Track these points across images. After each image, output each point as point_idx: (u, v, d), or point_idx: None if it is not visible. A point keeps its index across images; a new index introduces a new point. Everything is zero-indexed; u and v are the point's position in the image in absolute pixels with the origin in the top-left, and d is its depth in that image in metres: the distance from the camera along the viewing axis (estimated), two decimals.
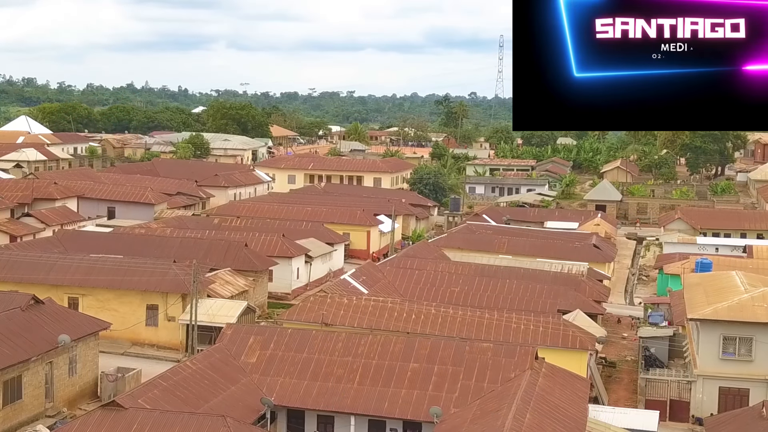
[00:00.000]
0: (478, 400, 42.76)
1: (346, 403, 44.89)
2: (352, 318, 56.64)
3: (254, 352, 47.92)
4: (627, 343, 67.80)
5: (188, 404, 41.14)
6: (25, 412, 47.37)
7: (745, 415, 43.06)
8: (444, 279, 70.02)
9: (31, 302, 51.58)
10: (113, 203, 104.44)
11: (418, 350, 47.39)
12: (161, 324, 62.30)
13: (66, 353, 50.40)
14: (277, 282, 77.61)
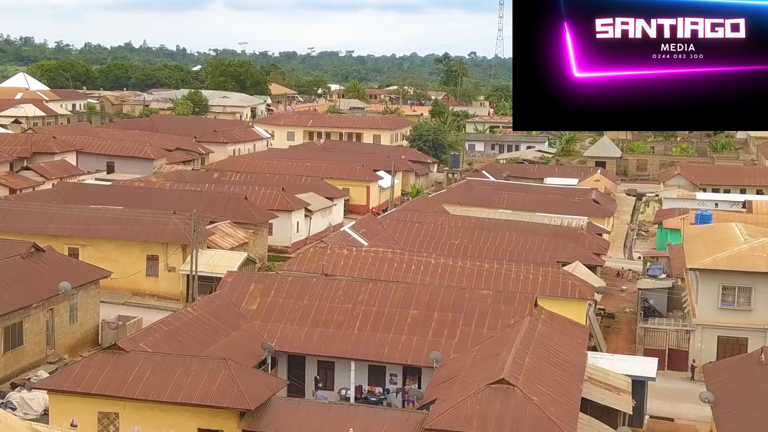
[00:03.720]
0: (477, 346, 42.93)
1: (346, 349, 45.11)
2: (352, 269, 56.78)
3: (255, 299, 48.06)
4: (626, 296, 68.03)
5: (189, 349, 41.31)
6: (27, 358, 47.61)
7: (743, 362, 43.25)
8: (444, 232, 70.05)
9: (32, 250, 51.68)
10: (112, 158, 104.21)
11: (418, 297, 47.56)
12: (161, 274, 62.48)
13: (67, 300, 50.57)
14: (277, 235, 77.72)
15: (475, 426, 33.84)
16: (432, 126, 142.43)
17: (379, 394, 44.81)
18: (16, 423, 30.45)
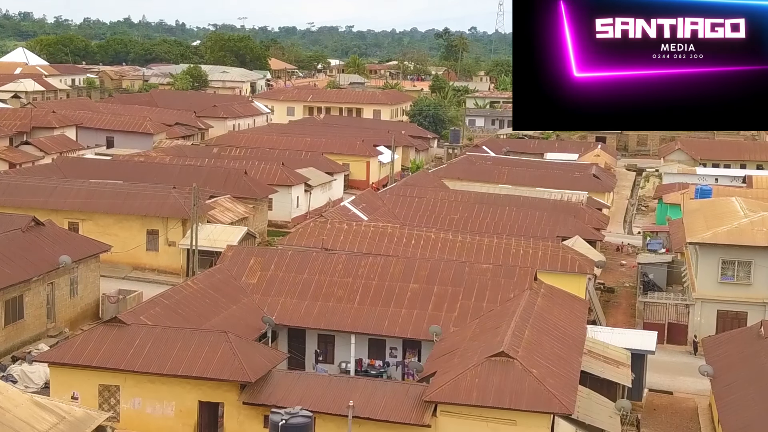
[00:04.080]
0: (477, 319, 43.02)
1: (346, 323, 45.21)
2: (351, 243, 56.78)
3: (255, 273, 48.11)
4: (625, 270, 68.12)
5: (189, 322, 41.39)
6: (27, 332, 47.72)
7: (743, 335, 43.41)
8: (444, 206, 69.98)
9: (32, 224, 51.67)
10: (112, 133, 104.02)
11: (417, 271, 47.61)
12: (161, 249, 62.49)
13: (67, 274, 50.62)
14: (277, 210, 77.69)
15: (474, 398, 33.99)
16: (432, 101, 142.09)
17: (379, 367, 44.97)
18: (17, 395, 30.65)
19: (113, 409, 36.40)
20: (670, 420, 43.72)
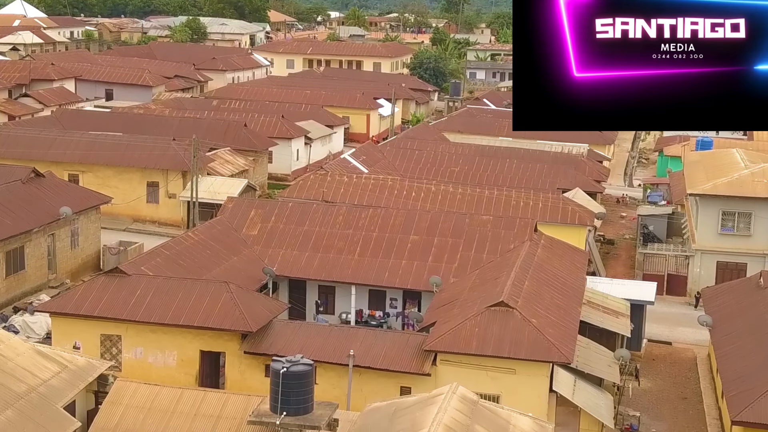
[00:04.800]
0: (477, 270, 43.14)
1: (346, 274, 45.33)
2: (352, 195, 56.77)
3: (255, 225, 48.15)
4: (625, 222, 68.21)
5: (190, 273, 41.49)
6: (29, 283, 47.89)
7: (742, 286, 43.53)
8: (444, 159, 69.87)
9: (32, 175, 51.64)
10: (111, 85, 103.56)
11: (418, 223, 47.66)
12: (162, 201, 62.52)
13: (68, 225, 50.71)
14: (277, 163, 77.59)
15: (474, 347, 34.17)
16: (433, 54, 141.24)
17: (380, 318, 45.18)
18: (19, 344, 30.82)
19: (115, 358, 36.60)
20: (669, 370, 44.02)
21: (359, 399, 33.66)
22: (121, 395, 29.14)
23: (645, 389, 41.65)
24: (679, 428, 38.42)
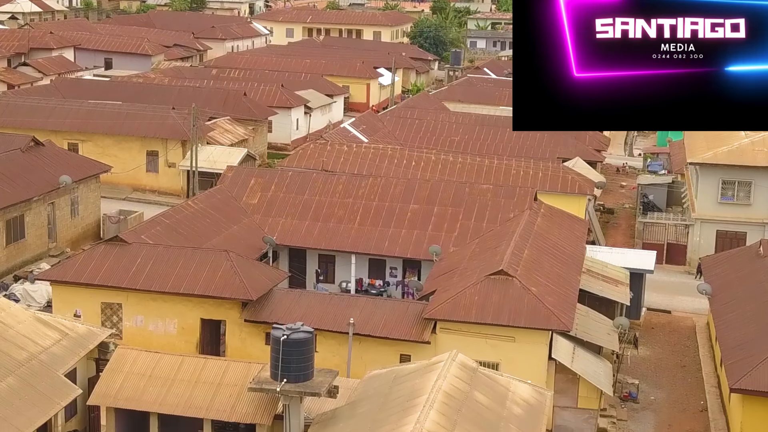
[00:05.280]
0: (476, 239, 43.18)
1: (346, 243, 45.38)
2: (352, 164, 56.70)
3: (255, 194, 48.14)
4: (625, 192, 68.20)
5: (190, 241, 41.55)
6: (29, 251, 47.95)
7: (742, 254, 43.61)
8: (444, 128, 69.74)
9: (31, 144, 51.57)
10: (110, 54, 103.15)
11: (418, 192, 47.64)
12: (161, 170, 62.48)
13: (67, 194, 50.71)
14: (277, 132, 77.45)
15: (473, 315, 34.26)
16: (433, 22, 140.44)
17: (380, 287, 45.26)
18: (20, 312, 30.90)
19: (116, 326, 36.71)
20: (668, 338, 44.18)
21: (359, 367, 33.80)
22: (121, 363, 29.24)
23: (644, 357, 41.83)
24: (678, 396, 38.62)
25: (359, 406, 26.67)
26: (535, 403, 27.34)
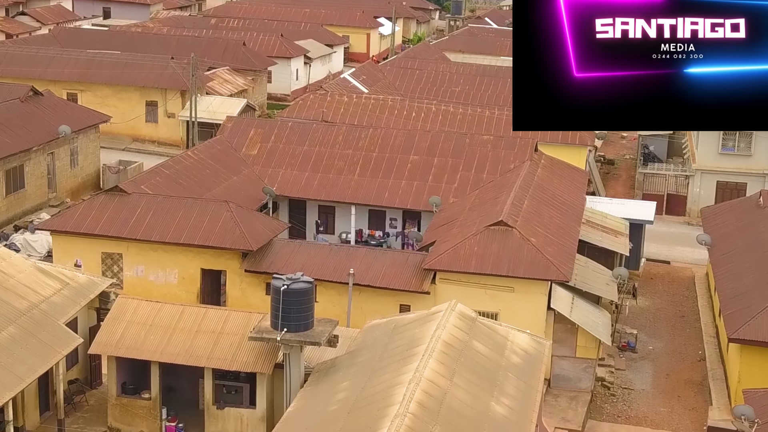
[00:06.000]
0: (477, 190, 43.16)
1: (346, 194, 45.35)
2: (352, 115, 56.47)
3: (255, 145, 48.01)
4: (626, 143, 68.05)
5: (191, 192, 41.49)
6: (29, 201, 47.97)
7: (741, 205, 43.61)
8: (445, 79, 69.36)
9: (30, 94, 51.35)
10: (108, 3, 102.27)
11: (418, 143, 47.50)
12: (161, 120, 62.29)
13: (67, 144, 50.61)
14: (276, 83, 77.10)
15: (473, 266, 34.35)
16: None
17: (379, 238, 45.32)
18: (20, 261, 30.98)
19: (116, 276, 36.82)
20: (667, 288, 44.34)
21: (359, 317, 33.95)
22: (122, 312, 29.37)
23: (643, 307, 42.02)
24: (676, 346, 38.85)
25: (359, 356, 26.83)
26: (533, 352, 27.49)
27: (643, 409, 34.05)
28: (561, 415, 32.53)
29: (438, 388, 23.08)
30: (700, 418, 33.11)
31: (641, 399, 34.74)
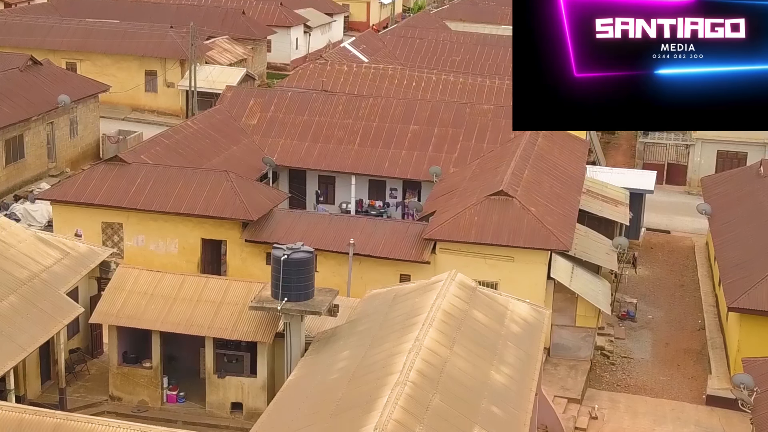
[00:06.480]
0: (477, 160, 43.11)
1: (346, 164, 45.30)
2: (352, 85, 56.30)
3: (255, 114, 47.91)
4: None
5: (190, 162, 41.45)
6: (29, 171, 47.94)
7: (742, 174, 43.56)
8: (445, 48, 69.11)
9: (29, 63, 51.16)
10: None
11: (418, 113, 47.40)
12: (160, 90, 62.10)
13: (66, 114, 50.50)
14: (276, 52, 76.82)
15: (473, 236, 34.37)
16: None
17: (380, 208, 45.34)
18: (20, 231, 30.99)
19: (117, 246, 36.86)
20: (667, 258, 44.40)
21: (359, 287, 34.02)
22: (123, 281, 29.42)
23: (642, 277, 42.10)
24: (676, 315, 38.95)
25: (359, 325, 26.90)
26: (533, 321, 27.58)
27: (643, 377, 34.19)
28: (560, 383, 32.68)
29: (438, 357, 23.16)
30: (699, 387, 33.26)
31: (640, 368, 34.88)
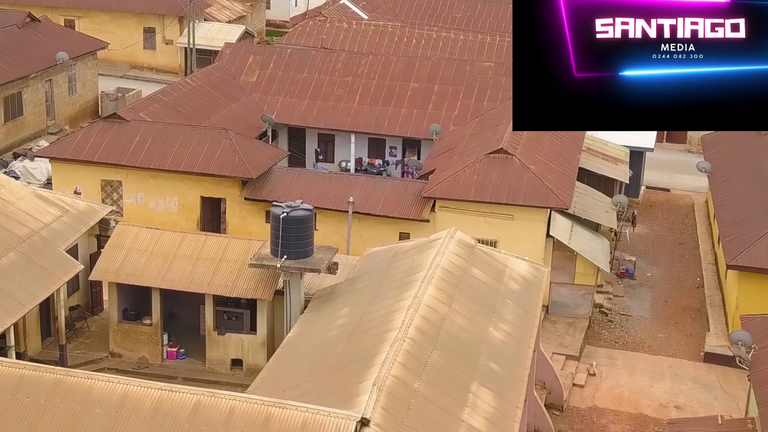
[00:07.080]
0: (477, 118, 42.97)
1: (346, 122, 45.18)
2: (351, 42, 56.07)
3: (254, 72, 47.70)
4: None
5: (189, 119, 41.35)
6: (27, 129, 47.83)
7: (742, 133, 43.32)
8: (446, 5, 68.56)
9: (27, 20, 50.85)
10: None
11: (418, 70, 47.19)
12: (159, 47, 61.83)
13: (65, 71, 50.28)
14: (275, 9, 76.41)
15: (472, 194, 34.35)
16: None
17: (379, 166, 45.30)
18: (19, 188, 30.99)
19: (116, 203, 36.85)
20: (666, 216, 44.42)
21: (359, 245, 34.07)
22: (123, 239, 29.45)
23: (642, 235, 42.14)
24: (675, 273, 39.04)
25: (358, 282, 26.97)
26: (532, 279, 27.65)
27: (641, 335, 34.35)
28: (559, 341, 32.83)
29: (437, 314, 23.25)
30: (698, 344, 33.42)
31: (639, 325, 35.02)
